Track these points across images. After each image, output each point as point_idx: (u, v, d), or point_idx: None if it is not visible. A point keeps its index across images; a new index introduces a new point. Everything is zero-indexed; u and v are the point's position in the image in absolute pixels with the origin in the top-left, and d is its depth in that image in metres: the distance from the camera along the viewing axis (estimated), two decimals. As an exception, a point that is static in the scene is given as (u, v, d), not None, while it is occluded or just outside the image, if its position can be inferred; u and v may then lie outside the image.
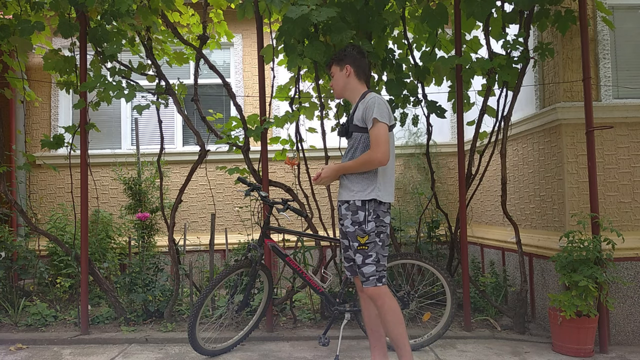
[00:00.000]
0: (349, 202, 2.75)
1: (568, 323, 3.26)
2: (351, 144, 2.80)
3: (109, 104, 3.96)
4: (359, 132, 2.75)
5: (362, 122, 2.72)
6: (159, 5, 3.88)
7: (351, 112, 2.84)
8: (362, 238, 2.69)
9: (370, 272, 2.68)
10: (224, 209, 5.70)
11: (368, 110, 2.68)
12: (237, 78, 5.90)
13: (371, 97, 2.72)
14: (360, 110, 2.74)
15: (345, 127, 2.82)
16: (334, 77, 2.87)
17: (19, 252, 4.42)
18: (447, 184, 5.71)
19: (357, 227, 2.71)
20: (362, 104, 2.74)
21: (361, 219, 2.70)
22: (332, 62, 2.89)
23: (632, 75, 3.82)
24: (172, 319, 3.99)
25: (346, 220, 2.75)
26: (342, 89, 2.87)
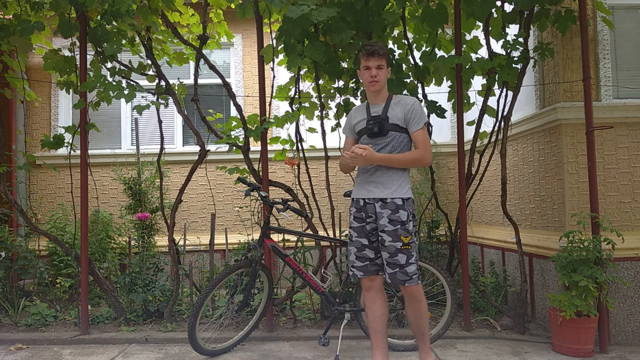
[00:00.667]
0: (385, 200, 2.74)
1: (568, 323, 3.26)
2: (385, 142, 2.79)
3: (109, 104, 3.96)
4: (398, 131, 2.78)
5: (403, 123, 2.79)
6: (159, 5, 3.88)
7: (382, 111, 2.80)
8: (405, 237, 2.71)
9: (413, 270, 2.73)
10: (224, 209, 5.70)
11: (415, 112, 2.77)
12: (237, 78, 5.90)
13: (413, 100, 2.83)
14: (399, 111, 2.79)
15: (379, 124, 2.76)
16: (383, 70, 2.78)
17: (19, 252, 4.42)
18: (447, 184, 5.71)
19: (400, 226, 2.71)
20: (399, 104, 2.81)
21: (403, 218, 2.72)
22: (385, 56, 2.79)
23: (632, 75, 3.82)
24: (172, 319, 3.99)
25: (382, 219, 2.72)
26: (384, 84, 2.84)
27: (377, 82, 2.78)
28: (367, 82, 2.80)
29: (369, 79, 2.79)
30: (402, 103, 2.81)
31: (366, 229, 2.83)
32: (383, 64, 2.78)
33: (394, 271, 2.72)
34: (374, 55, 2.75)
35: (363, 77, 2.83)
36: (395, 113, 2.79)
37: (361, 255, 2.85)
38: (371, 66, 2.77)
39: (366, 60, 2.78)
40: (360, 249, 2.85)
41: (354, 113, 2.99)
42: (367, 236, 2.83)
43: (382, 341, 2.88)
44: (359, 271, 2.87)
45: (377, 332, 2.88)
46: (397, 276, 2.71)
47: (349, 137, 3.02)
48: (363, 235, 2.83)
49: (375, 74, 2.76)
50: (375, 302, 2.88)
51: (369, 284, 2.89)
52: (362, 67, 2.82)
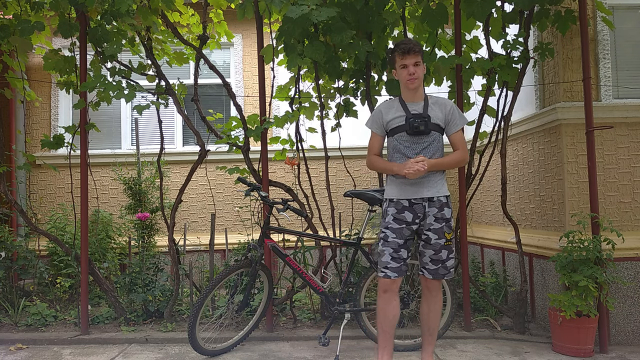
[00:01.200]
0: (432, 199, 2.81)
1: (568, 323, 3.26)
2: (427, 142, 2.82)
3: (109, 104, 3.96)
4: (438, 131, 2.84)
5: (443, 123, 2.85)
6: (159, 5, 3.88)
7: (424, 110, 2.82)
8: (448, 234, 2.83)
9: (451, 264, 2.86)
10: (224, 209, 5.70)
11: (455, 114, 2.86)
12: (237, 78, 5.90)
13: (451, 102, 2.91)
14: (439, 111, 2.84)
15: (425, 123, 2.77)
16: (420, 66, 2.80)
17: (19, 252, 4.42)
18: (447, 184, 5.70)
19: (445, 223, 2.81)
20: (437, 105, 2.87)
21: (448, 216, 2.83)
22: (420, 53, 2.81)
23: (632, 75, 3.82)
24: (172, 319, 3.99)
25: (429, 218, 2.80)
26: (421, 81, 2.86)
27: (415, 79, 2.79)
28: (406, 80, 2.81)
29: (407, 77, 2.79)
30: (441, 104, 2.87)
31: (409, 229, 2.83)
32: (419, 60, 2.80)
33: (436, 267, 2.84)
34: (410, 53, 2.76)
35: (400, 76, 2.84)
36: (435, 113, 2.83)
37: (397, 256, 2.83)
38: (408, 64, 2.77)
39: (402, 59, 2.79)
40: (396, 250, 2.83)
41: (386, 109, 2.93)
42: (404, 237, 2.84)
43: (389, 342, 2.89)
44: (393, 272, 2.82)
45: (386, 333, 2.88)
46: (439, 271, 2.84)
47: (377, 133, 2.98)
48: (401, 236, 2.83)
49: (413, 71, 2.77)
50: (390, 304, 2.87)
51: (391, 286, 2.84)
52: (398, 66, 2.82)
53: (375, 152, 3.00)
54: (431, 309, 2.93)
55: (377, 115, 2.96)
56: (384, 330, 2.88)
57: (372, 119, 3.01)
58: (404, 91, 2.90)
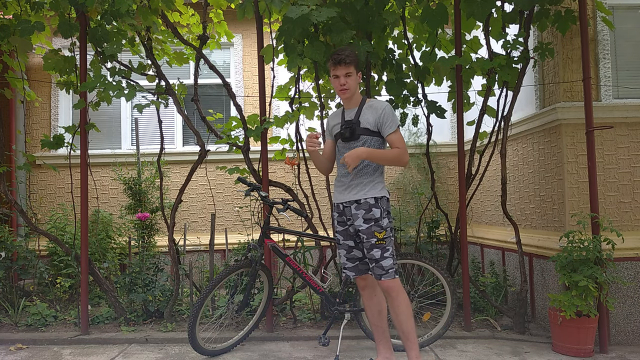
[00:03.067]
0: (359, 201, 2.82)
1: (568, 323, 3.26)
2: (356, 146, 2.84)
3: (109, 104, 3.96)
4: (369, 135, 2.85)
5: (374, 127, 2.85)
6: (159, 5, 3.88)
7: (355, 116, 2.86)
8: (379, 234, 2.80)
9: (389, 265, 2.79)
10: (224, 209, 5.70)
11: (386, 116, 2.82)
12: (237, 78, 5.90)
13: (384, 105, 2.89)
14: (370, 115, 2.85)
15: (351, 129, 2.82)
16: (352, 77, 2.83)
17: (19, 252, 4.42)
18: (447, 184, 5.71)
19: (373, 223, 2.79)
20: (371, 109, 2.87)
21: (377, 216, 2.80)
22: (353, 63, 2.82)
23: (632, 75, 3.82)
24: (172, 319, 3.99)
25: (357, 220, 2.81)
26: (354, 91, 2.88)
27: (346, 90, 2.84)
28: (338, 91, 2.87)
29: (338, 87, 2.85)
30: (374, 107, 2.87)
31: (350, 230, 2.93)
32: (351, 71, 2.81)
33: (372, 266, 2.82)
34: (341, 64, 2.79)
35: (333, 85, 2.89)
36: (366, 117, 2.85)
37: (350, 257, 2.97)
38: (339, 75, 2.81)
39: (334, 70, 2.83)
40: (348, 251, 2.96)
41: (331, 117, 3.06)
42: (352, 237, 2.94)
43: (383, 336, 3.01)
44: (350, 272, 2.98)
45: (377, 327, 3.01)
46: (374, 271, 2.81)
47: (329, 139, 3.08)
48: (348, 237, 2.94)
49: (344, 82, 2.82)
50: (372, 300, 3.01)
51: (362, 283, 3.00)
52: (331, 75, 2.88)
53: (325, 153, 3.07)
54: (395, 311, 2.81)
55: (327, 123, 3.11)
56: (374, 325, 3.03)
57: (326, 127, 3.16)
58: (341, 100, 2.97)
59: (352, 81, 2.84)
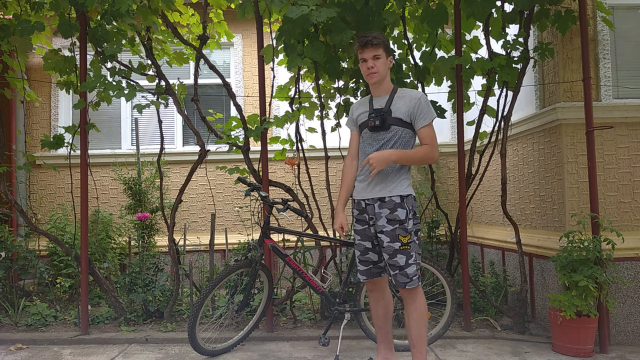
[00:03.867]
0: (383, 199, 2.66)
1: (568, 323, 3.26)
2: (387, 137, 2.68)
3: (109, 104, 3.96)
4: (401, 126, 2.68)
5: (407, 117, 2.68)
6: (159, 5, 3.88)
7: (385, 105, 2.70)
8: (404, 237, 2.61)
9: (413, 272, 2.62)
10: (224, 209, 5.70)
11: (422, 107, 2.67)
12: (237, 78, 5.90)
13: (420, 94, 2.71)
14: (403, 105, 2.68)
15: (382, 118, 2.65)
16: (381, 59, 2.66)
17: (19, 252, 4.42)
18: (447, 184, 5.71)
19: (398, 225, 2.62)
20: (404, 98, 2.70)
21: (402, 217, 2.63)
22: (382, 45, 2.65)
23: (632, 75, 3.82)
24: (172, 319, 3.99)
25: (380, 220, 2.64)
26: (384, 75, 2.71)
27: (375, 74, 2.67)
28: (366, 75, 2.71)
29: (366, 71, 2.69)
30: (408, 97, 2.70)
31: (370, 231, 2.75)
32: (379, 53, 2.65)
33: (394, 273, 2.65)
34: (368, 46, 2.64)
35: (361, 69, 2.73)
36: (399, 107, 2.68)
37: (364, 259, 2.79)
38: (367, 57, 2.66)
39: (361, 52, 2.68)
40: (363, 253, 2.79)
41: (356, 105, 2.89)
42: (370, 239, 2.77)
43: (386, 337, 2.96)
44: (362, 275, 2.83)
45: (380, 329, 2.96)
46: (397, 278, 2.64)
47: (353, 129, 2.91)
48: (366, 238, 2.77)
49: (372, 64, 2.65)
50: (379, 302, 2.93)
51: (372, 286, 2.91)
52: (359, 60, 2.73)
53: (350, 152, 2.91)
54: (410, 318, 2.71)
55: (351, 112, 2.92)
56: (378, 326, 2.98)
57: (348, 118, 2.95)
58: (370, 86, 2.80)
59: (381, 64, 2.66)
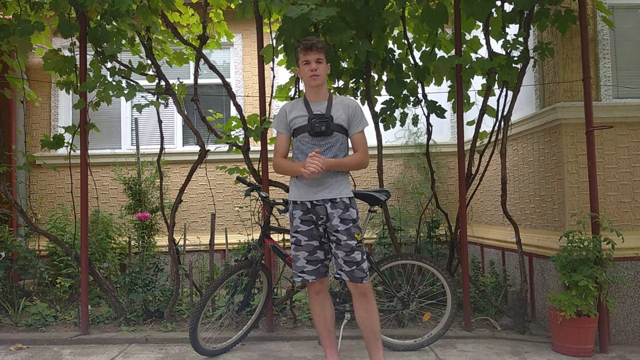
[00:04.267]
0: (334, 200, 2.73)
1: (568, 323, 3.26)
2: (330, 143, 2.75)
3: (109, 104, 3.96)
4: (340, 132, 2.77)
5: (345, 124, 2.77)
6: (159, 5, 3.88)
7: (326, 110, 2.75)
8: (357, 235, 2.72)
9: (367, 267, 2.75)
10: (224, 209, 5.70)
11: (357, 114, 2.79)
12: (237, 78, 5.90)
13: (355, 102, 2.82)
14: (342, 111, 2.76)
15: (326, 124, 2.71)
16: (322, 64, 2.72)
17: (19, 252, 4.42)
18: (447, 184, 5.71)
19: (352, 224, 2.71)
20: (342, 105, 2.78)
21: (354, 216, 2.74)
22: (324, 50, 2.73)
23: (632, 75, 3.82)
24: (172, 319, 3.99)
25: (334, 219, 2.71)
26: (324, 80, 2.78)
27: (317, 76, 2.71)
28: (308, 77, 2.73)
29: (309, 73, 2.71)
30: (345, 104, 2.79)
31: (317, 230, 2.79)
32: (322, 57, 2.72)
33: (351, 269, 2.70)
34: (312, 49, 2.69)
35: (303, 72, 2.76)
36: (339, 114, 2.75)
37: (313, 259, 2.80)
38: (310, 60, 2.70)
39: (305, 55, 2.71)
40: (311, 253, 2.79)
41: (290, 108, 2.86)
42: (318, 238, 2.80)
43: (334, 340, 2.91)
44: (310, 275, 2.79)
45: (330, 332, 2.89)
46: (355, 274, 2.70)
47: (283, 133, 2.88)
48: (313, 237, 2.80)
49: (315, 67, 2.70)
50: (326, 303, 2.88)
51: (319, 286, 2.85)
52: (301, 62, 2.75)
53: (281, 153, 2.87)
54: (370, 313, 2.77)
55: (282, 115, 2.89)
56: (328, 330, 2.88)
57: (277, 119, 2.93)
58: (307, 90, 2.82)
59: (322, 68, 2.72)
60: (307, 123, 2.76)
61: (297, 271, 2.83)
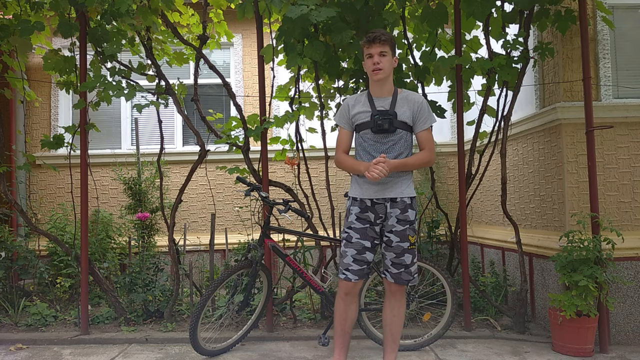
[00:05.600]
0: (395, 199, 2.66)
1: (568, 323, 3.26)
2: (392, 140, 2.67)
3: (109, 104, 3.96)
4: (405, 129, 2.68)
5: (410, 121, 2.69)
6: (159, 5, 3.88)
7: (390, 106, 2.67)
8: (412, 237, 2.68)
9: (415, 270, 2.72)
10: (224, 209, 5.70)
11: (423, 111, 2.70)
12: (237, 78, 5.90)
13: (421, 98, 2.73)
14: (407, 108, 2.68)
15: (389, 121, 2.62)
16: (387, 57, 2.63)
17: (19, 252, 4.42)
18: (447, 184, 5.71)
19: (408, 226, 2.66)
20: (407, 101, 2.69)
21: (412, 218, 2.68)
22: (389, 43, 2.63)
23: (632, 75, 3.82)
24: (172, 319, 3.99)
25: (391, 219, 2.65)
26: (389, 73, 2.69)
27: (380, 70, 2.62)
28: (371, 71, 2.65)
29: (371, 66, 2.63)
30: (410, 100, 2.70)
31: (373, 230, 2.72)
32: (386, 50, 2.62)
33: (399, 271, 2.67)
34: (375, 42, 2.61)
35: (366, 66, 2.69)
36: (403, 110, 2.67)
37: (360, 259, 2.72)
38: (373, 53, 2.62)
39: (368, 48, 2.64)
40: (360, 252, 2.71)
41: (352, 102, 2.79)
42: (371, 239, 2.73)
43: (347, 341, 2.90)
44: (354, 275, 2.71)
45: (346, 334, 2.87)
46: (402, 276, 2.68)
47: (345, 128, 2.82)
48: (366, 237, 2.71)
49: (378, 60, 2.61)
50: (351, 306, 2.83)
51: (352, 288, 2.77)
52: (365, 56, 2.68)
53: (343, 148, 2.81)
54: (395, 314, 2.77)
55: (344, 109, 2.81)
56: (345, 332, 2.84)
57: (339, 114, 2.85)
58: (371, 84, 2.74)
59: (386, 62, 2.62)
60: (369, 119, 2.67)
61: (342, 267, 2.74)
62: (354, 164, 2.71)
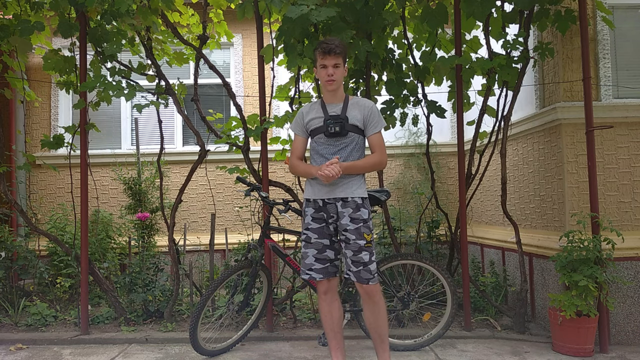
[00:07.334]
0: (346, 199, 2.73)
1: (568, 323, 3.26)
2: (344, 143, 2.76)
3: (109, 104, 3.97)
4: (356, 133, 2.77)
5: (361, 124, 2.78)
6: (159, 5, 3.88)
7: (342, 111, 2.76)
8: (367, 235, 2.72)
9: (374, 269, 2.73)
10: (224, 209, 5.70)
11: (373, 115, 2.79)
12: (237, 78, 5.90)
13: (371, 103, 2.83)
14: (357, 112, 2.78)
15: (340, 124, 2.72)
16: (340, 68, 2.73)
17: (19, 252, 4.42)
18: (447, 184, 5.71)
19: (362, 224, 2.71)
20: (357, 106, 2.80)
21: (365, 216, 2.73)
22: (343, 54, 2.72)
23: (632, 75, 3.82)
24: (172, 319, 3.99)
25: (344, 218, 2.72)
26: (341, 83, 2.80)
27: (333, 81, 2.73)
28: (324, 81, 2.76)
29: (325, 77, 2.73)
30: (361, 105, 2.80)
31: (328, 229, 2.80)
32: (340, 62, 2.72)
33: (358, 269, 2.70)
34: (330, 54, 2.69)
35: (319, 75, 2.78)
36: (354, 114, 2.77)
37: (322, 257, 2.80)
38: (327, 65, 2.71)
39: (322, 59, 2.72)
40: (321, 251, 2.80)
41: (307, 110, 2.90)
42: (329, 236, 2.81)
43: (341, 342, 2.89)
44: (318, 274, 2.79)
45: (336, 333, 2.87)
46: (361, 274, 2.70)
47: (300, 135, 2.91)
48: (324, 235, 2.80)
49: (332, 72, 2.71)
50: (334, 304, 2.86)
51: (326, 286, 2.84)
52: (318, 65, 2.76)
53: (297, 154, 2.89)
54: (376, 316, 2.78)
55: (299, 117, 2.92)
56: (334, 331, 2.86)
57: (294, 122, 2.96)
58: (324, 92, 2.85)
59: (339, 73, 2.73)
60: (322, 124, 2.78)
61: (305, 268, 2.83)
62: (307, 167, 2.83)
